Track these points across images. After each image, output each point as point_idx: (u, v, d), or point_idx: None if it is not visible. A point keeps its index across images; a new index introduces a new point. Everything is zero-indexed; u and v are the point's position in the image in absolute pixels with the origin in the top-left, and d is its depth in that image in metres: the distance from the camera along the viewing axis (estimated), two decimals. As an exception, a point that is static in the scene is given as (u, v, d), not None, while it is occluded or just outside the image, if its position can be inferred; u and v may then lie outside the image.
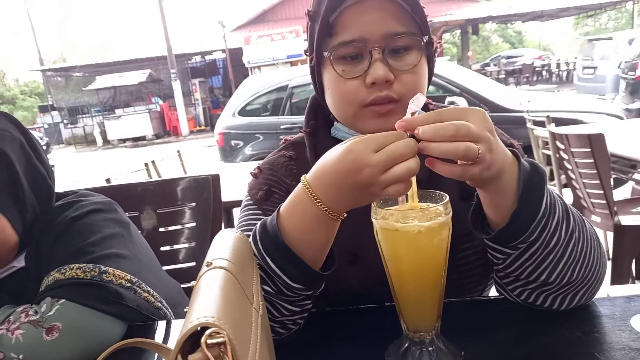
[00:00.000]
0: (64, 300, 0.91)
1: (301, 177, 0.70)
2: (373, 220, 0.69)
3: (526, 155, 0.93)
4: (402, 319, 0.73)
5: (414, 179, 0.66)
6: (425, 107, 0.97)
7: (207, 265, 0.53)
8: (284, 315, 0.77)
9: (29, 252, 1.02)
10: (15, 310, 0.91)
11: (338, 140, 0.86)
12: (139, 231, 1.22)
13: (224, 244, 0.62)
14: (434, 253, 0.67)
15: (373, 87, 0.81)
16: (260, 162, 1.01)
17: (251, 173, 1.00)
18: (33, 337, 0.87)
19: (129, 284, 0.98)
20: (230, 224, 2.83)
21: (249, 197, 0.97)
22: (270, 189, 0.94)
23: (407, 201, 0.69)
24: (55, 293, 0.92)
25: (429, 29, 0.85)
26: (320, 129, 0.97)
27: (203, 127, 18.88)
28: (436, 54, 0.91)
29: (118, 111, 18.54)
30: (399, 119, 0.84)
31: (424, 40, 0.83)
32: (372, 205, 0.68)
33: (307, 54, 0.91)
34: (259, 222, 0.75)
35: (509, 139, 0.94)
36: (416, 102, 0.67)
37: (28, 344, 0.86)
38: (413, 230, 0.65)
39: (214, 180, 1.57)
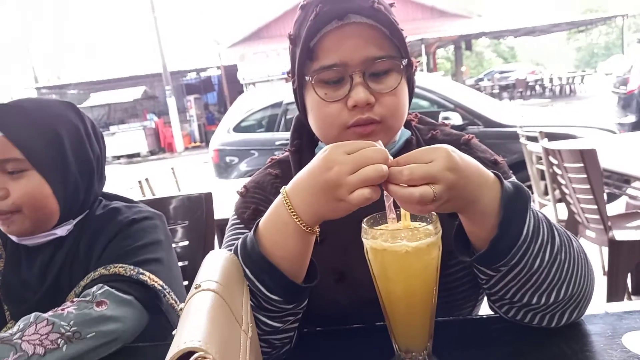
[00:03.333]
0: (112, 288, 1.02)
1: (281, 189, 0.71)
2: (363, 240, 0.69)
3: (511, 171, 0.94)
4: (394, 339, 0.73)
5: None
6: (408, 124, 0.98)
7: (196, 288, 0.53)
8: (267, 333, 0.76)
9: (85, 232, 1.14)
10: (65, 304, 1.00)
11: None
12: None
13: (214, 265, 0.62)
14: (423, 272, 0.67)
15: (355, 110, 0.83)
16: (247, 180, 1.02)
17: (238, 192, 1.00)
18: (84, 308, 0.96)
19: (161, 288, 1.08)
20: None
21: (235, 216, 0.97)
22: (257, 208, 0.94)
23: (399, 220, 0.69)
24: (102, 283, 1.03)
25: (408, 52, 0.86)
26: (305, 148, 0.98)
27: (198, 144, 18.86)
28: (416, 73, 0.92)
29: (112, 128, 18.47)
30: (380, 140, 0.86)
31: (403, 63, 0.84)
32: (363, 225, 0.69)
33: (290, 76, 0.93)
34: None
35: (493, 155, 0.95)
36: None
37: (78, 314, 0.95)
38: (400, 250, 0.65)
39: (207, 198, 1.57)
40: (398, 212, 0.69)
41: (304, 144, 0.99)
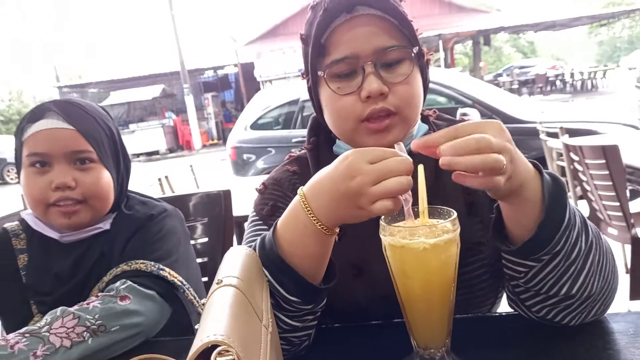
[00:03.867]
0: (134, 284, 1.05)
1: (298, 190, 0.71)
2: (381, 236, 0.69)
3: None
4: (412, 336, 0.73)
5: (424, 196, 0.67)
6: (426, 120, 0.98)
7: (218, 283, 0.54)
8: (286, 331, 0.77)
9: (117, 227, 1.17)
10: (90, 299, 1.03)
11: None
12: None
13: (235, 261, 0.63)
14: (441, 269, 0.67)
15: (368, 101, 0.83)
16: (265, 177, 1.02)
17: (256, 189, 1.01)
18: (108, 302, 0.99)
19: (180, 284, 1.12)
20: (242, 239, 2.84)
21: (254, 213, 0.98)
22: (275, 204, 0.95)
23: (416, 218, 0.69)
24: (125, 278, 1.06)
25: (418, 41, 0.86)
26: (323, 145, 0.99)
27: (216, 141, 18.99)
28: (429, 65, 0.92)
29: (132, 126, 18.70)
30: (397, 133, 0.85)
31: (414, 51, 0.84)
32: (381, 222, 0.69)
33: (304, 76, 0.93)
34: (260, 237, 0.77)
35: None
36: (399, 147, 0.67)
37: (103, 307, 0.98)
38: (419, 247, 0.65)
39: (226, 195, 1.58)
40: (416, 210, 0.69)
41: (321, 142, 0.99)
